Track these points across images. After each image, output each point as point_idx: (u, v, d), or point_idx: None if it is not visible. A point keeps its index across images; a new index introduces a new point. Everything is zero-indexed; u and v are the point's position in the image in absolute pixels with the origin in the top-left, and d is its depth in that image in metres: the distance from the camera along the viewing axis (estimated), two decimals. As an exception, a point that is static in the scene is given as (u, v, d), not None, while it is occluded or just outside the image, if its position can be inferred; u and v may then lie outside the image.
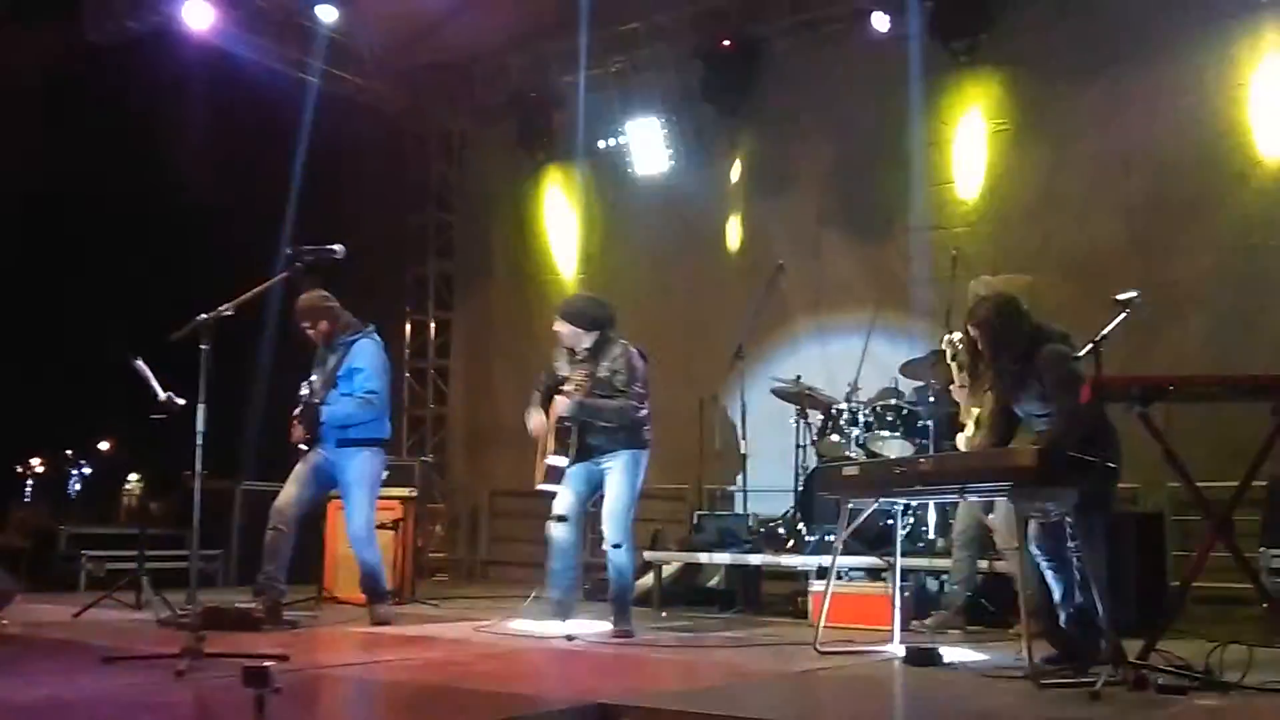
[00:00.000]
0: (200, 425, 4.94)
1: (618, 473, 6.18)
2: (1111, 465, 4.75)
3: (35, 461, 13.57)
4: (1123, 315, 5.37)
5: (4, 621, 6.16)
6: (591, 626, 6.20)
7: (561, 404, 6.12)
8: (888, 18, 9.27)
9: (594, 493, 6.33)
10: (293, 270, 5.50)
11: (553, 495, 6.24)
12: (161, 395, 6.78)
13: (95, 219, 10.67)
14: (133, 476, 13.00)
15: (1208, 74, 8.25)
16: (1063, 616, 4.88)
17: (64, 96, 10.29)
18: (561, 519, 6.18)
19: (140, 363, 6.76)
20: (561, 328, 6.30)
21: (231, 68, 10.42)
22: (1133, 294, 5.26)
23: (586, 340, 6.25)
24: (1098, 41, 8.48)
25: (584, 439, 6.17)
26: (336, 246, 5.56)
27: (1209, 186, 8.19)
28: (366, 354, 6.62)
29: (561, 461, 6.11)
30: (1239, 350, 7.63)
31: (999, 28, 8.90)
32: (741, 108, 10.17)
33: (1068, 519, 4.73)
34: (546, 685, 4.78)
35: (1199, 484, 4.63)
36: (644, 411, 6.27)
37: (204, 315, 4.99)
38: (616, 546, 6.12)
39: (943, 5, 8.99)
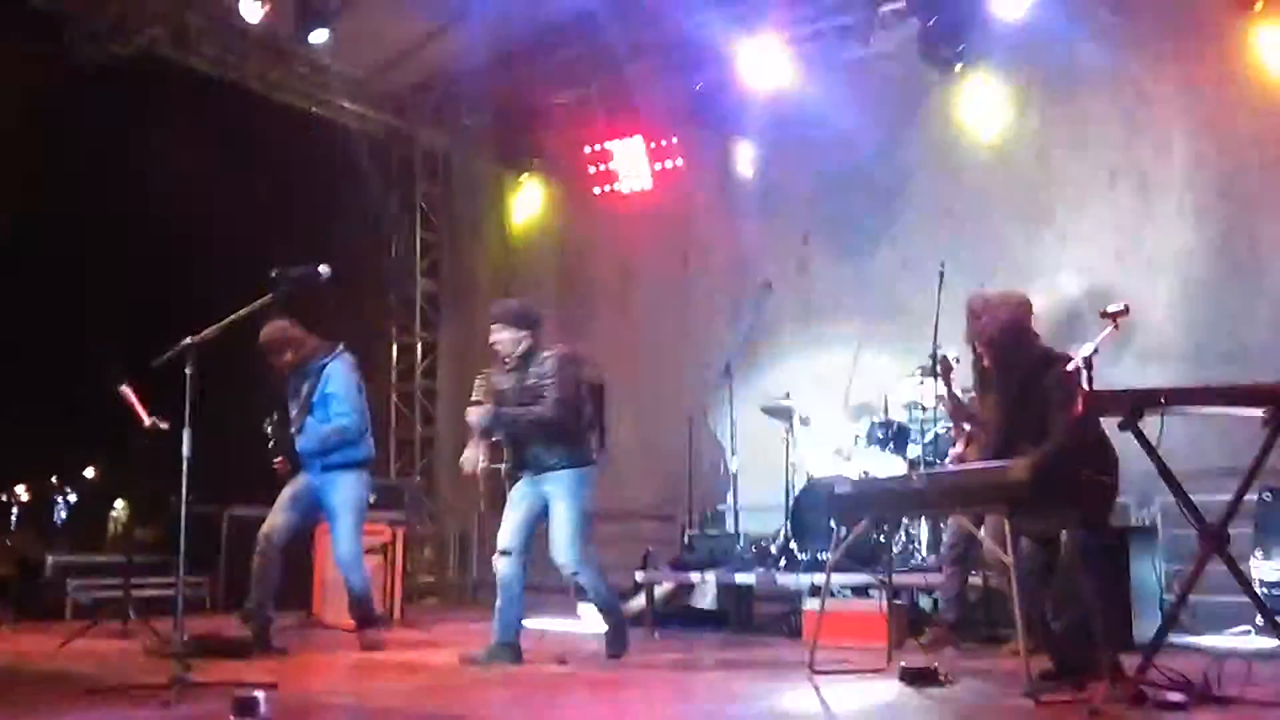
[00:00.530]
0: (186, 450, 4.90)
1: (561, 497, 5.90)
2: (1108, 482, 4.73)
3: (20, 489, 13.45)
4: (1110, 328, 5.37)
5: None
6: (584, 649, 6.16)
7: (472, 416, 5.98)
8: (876, 31, 9.27)
9: (539, 517, 6.00)
10: (277, 292, 5.46)
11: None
12: (147, 421, 6.74)
13: (80, 244, 10.62)
14: (119, 503, 12.90)
15: (1194, 86, 8.25)
16: (1057, 629, 4.85)
17: (47, 120, 10.24)
18: (505, 553, 5.91)
19: (126, 388, 6.72)
20: (497, 334, 6.06)
21: (216, 90, 10.40)
22: (1120, 307, 5.26)
23: (519, 346, 6.03)
24: (1080, 59, 8.49)
25: (520, 452, 6.01)
26: (322, 268, 5.52)
27: (1194, 197, 8.19)
28: (337, 378, 6.58)
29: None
30: (1231, 360, 7.62)
31: (984, 44, 8.90)
32: (727, 124, 10.15)
33: (1063, 533, 4.71)
34: (540, 712, 4.73)
35: (1192, 497, 4.60)
36: (579, 420, 6.01)
37: (189, 339, 4.95)
38: (575, 574, 5.91)
39: (929, 22, 8.98)
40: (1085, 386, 5.04)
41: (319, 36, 9.68)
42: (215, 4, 9.70)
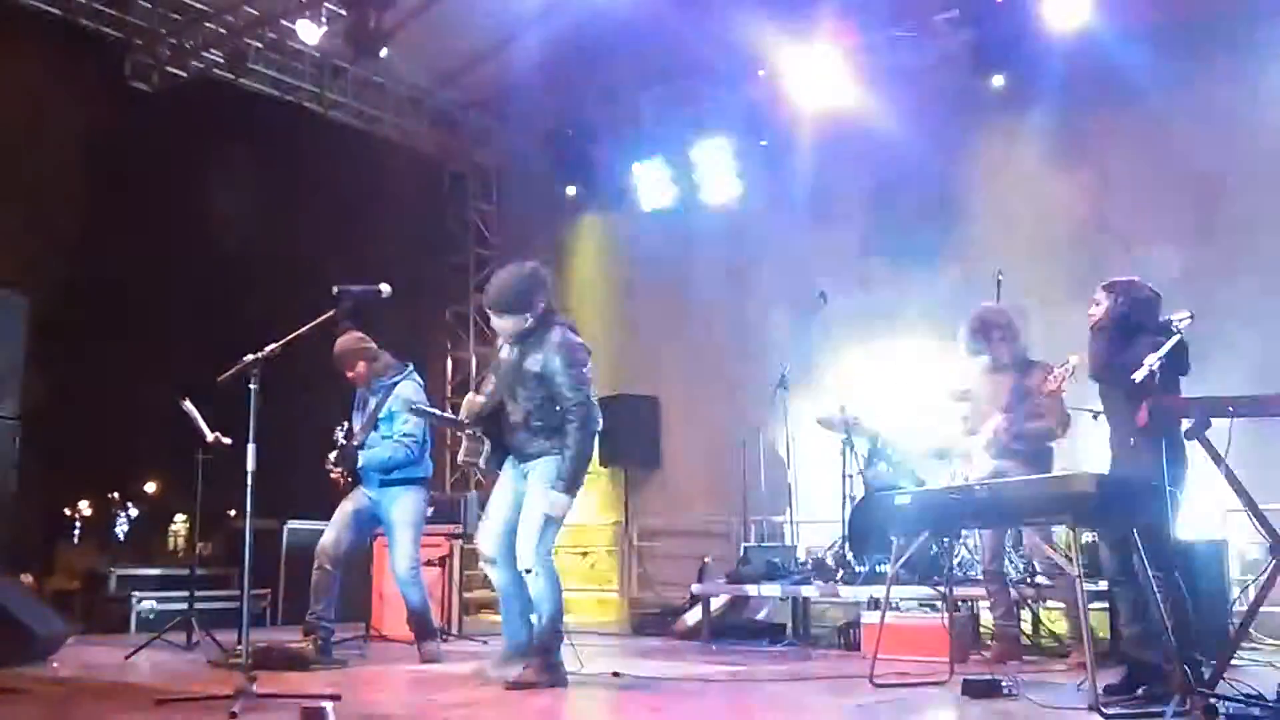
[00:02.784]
0: (250, 464, 4.96)
1: (537, 482, 5.31)
2: (1174, 490, 4.66)
3: (83, 504, 13.69)
4: (1177, 338, 5.27)
5: (55, 664, 6.18)
6: (640, 662, 6.13)
7: (465, 407, 5.59)
8: (930, 42, 9.23)
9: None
10: (338, 309, 5.51)
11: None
12: (209, 436, 6.82)
13: (141, 264, 10.80)
14: (179, 517, 13.08)
15: (1255, 94, 8.14)
16: (1127, 639, 4.78)
17: (107, 144, 10.44)
18: (490, 562, 5.47)
19: (188, 404, 6.81)
20: (498, 323, 5.51)
21: (271, 112, 10.55)
22: (1186, 315, 5.16)
23: (517, 326, 5.39)
24: (1139, 66, 8.39)
25: (502, 440, 5.45)
26: (383, 286, 5.56)
27: (1258, 208, 8.06)
28: (407, 396, 6.63)
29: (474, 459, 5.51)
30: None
31: (1038, 55, 8.83)
32: (781, 136, 10.14)
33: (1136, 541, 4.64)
34: (600, 722, 4.72)
35: (1261, 507, 4.52)
36: (572, 396, 5.27)
37: (251, 355, 5.01)
38: (527, 571, 5.24)
39: (982, 32, 8.93)
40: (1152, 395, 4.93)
41: (371, 55, 9.74)
42: (273, 26, 9.86)
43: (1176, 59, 8.29)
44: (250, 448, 4.94)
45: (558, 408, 5.30)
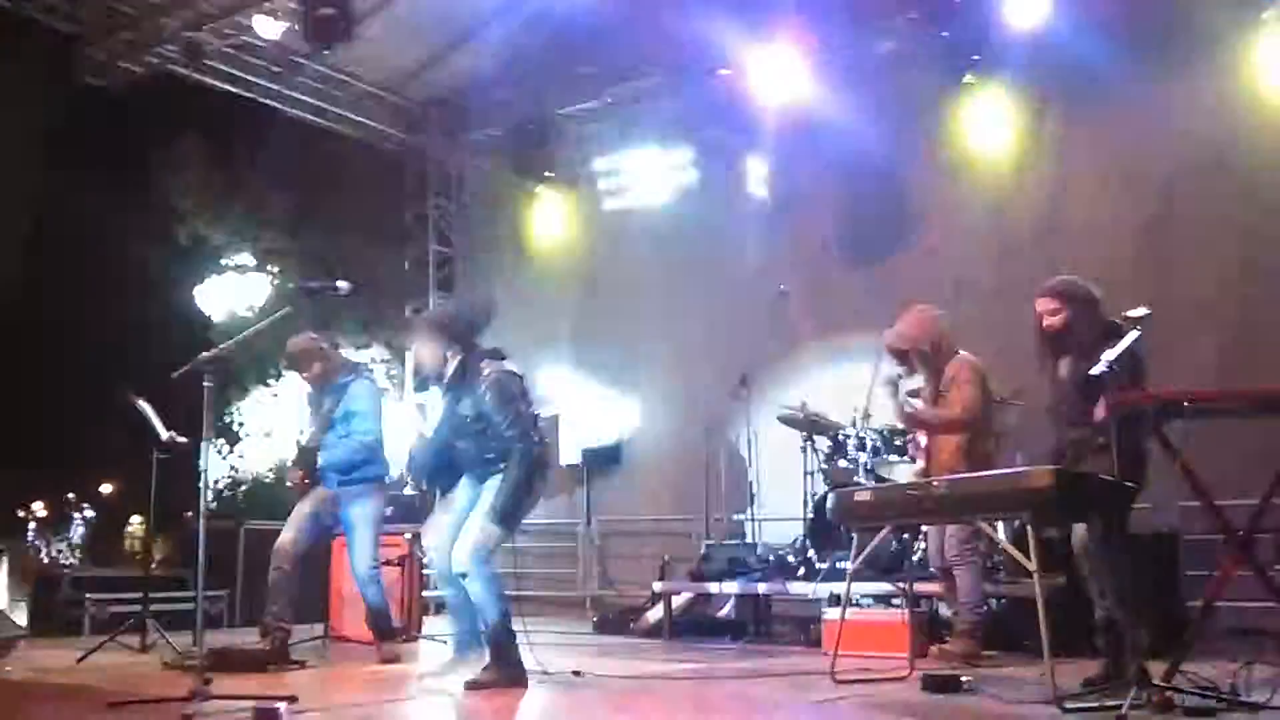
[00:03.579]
0: (204, 463, 4.89)
1: (487, 496, 5.27)
2: (1131, 485, 4.70)
3: (38, 506, 13.50)
4: (1135, 333, 5.30)
5: (7, 668, 6.08)
6: (601, 661, 6.11)
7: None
8: (890, 42, 9.25)
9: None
10: (296, 305, 5.46)
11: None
12: (164, 435, 6.74)
13: (94, 260, 10.67)
14: (135, 518, 12.93)
15: (1210, 90, 8.21)
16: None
17: (62, 139, 10.30)
18: (442, 576, 5.49)
19: (143, 402, 6.73)
20: (417, 350, 5.49)
21: (230, 107, 10.44)
22: (1144, 310, 5.19)
23: (448, 363, 5.36)
24: (1097, 63, 8.45)
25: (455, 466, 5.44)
26: (342, 283, 5.51)
27: (1214, 203, 8.14)
28: (362, 396, 6.58)
29: None
30: (1248, 367, 7.56)
31: (1000, 54, 8.88)
32: (742, 135, 10.14)
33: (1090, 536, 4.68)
34: (560, 721, 4.69)
35: (1215, 502, 4.56)
36: (511, 433, 5.21)
37: (206, 353, 4.95)
38: (463, 575, 5.22)
39: (944, 32, 8.95)
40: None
41: (323, 50, 9.62)
42: (229, 22, 9.74)
43: (1133, 56, 8.34)
44: (204, 446, 4.88)
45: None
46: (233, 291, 11.84)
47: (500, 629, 5.22)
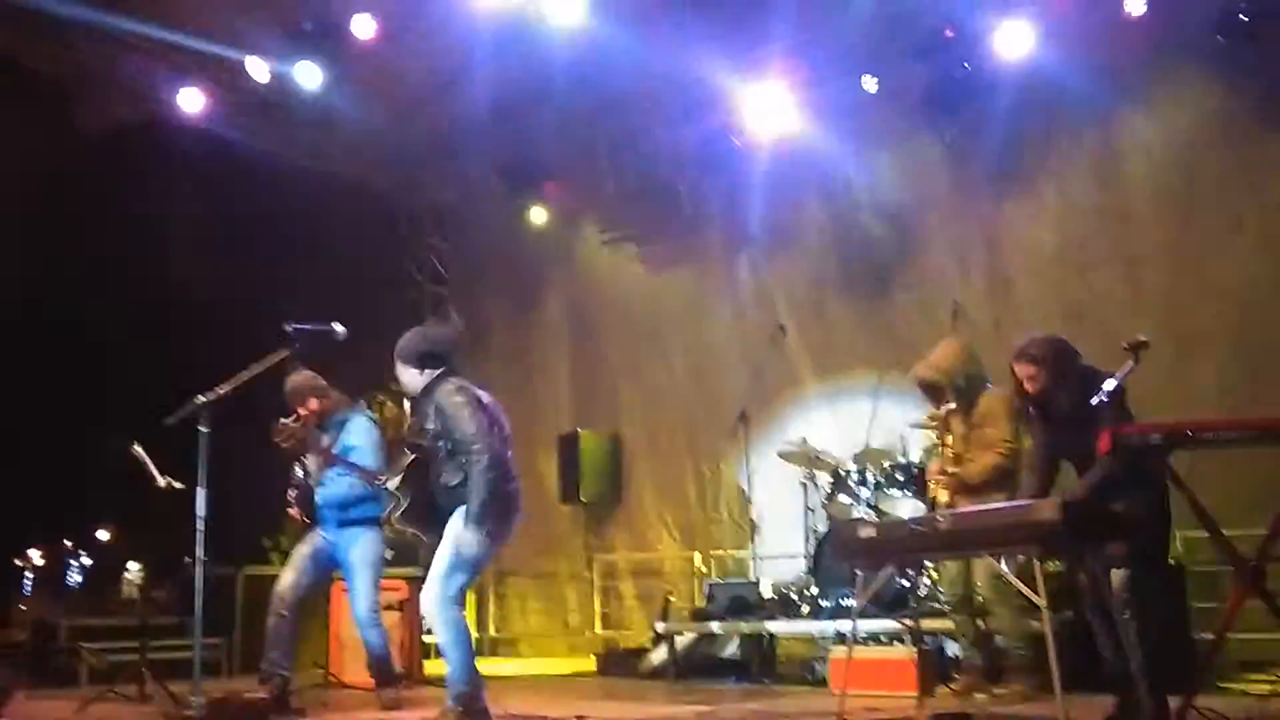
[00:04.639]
0: (201, 510, 4.85)
1: (450, 528, 5.18)
2: (1151, 515, 4.66)
3: (34, 554, 13.38)
4: (1133, 363, 5.28)
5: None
6: (606, 704, 6.04)
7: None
8: (876, 80, 9.27)
9: None
10: (291, 349, 5.43)
11: None
12: (160, 481, 6.69)
13: (89, 307, 10.62)
14: (133, 565, 12.82)
15: (1204, 121, 8.23)
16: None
17: (55, 187, 10.28)
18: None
19: (139, 449, 6.68)
20: (399, 374, 5.43)
21: (222, 153, 10.42)
22: (1144, 338, 5.17)
23: (417, 385, 5.37)
24: (1094, 90, 8.48)
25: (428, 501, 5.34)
26: (338, 327, 5.49)
27: (1210, 234, 8.13)
28: (360, 431, 6.55)
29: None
30: (1248, 399, 7.53)
31: (988, 86, 8.90)
32: (735, 171, 10.15)
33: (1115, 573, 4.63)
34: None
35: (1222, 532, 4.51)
36: (481, 463, 5.04)
37: (201, 397, 4.91)
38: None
39: (932, 67, 8.96)
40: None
41: (313, 85, 9.60)
42: (219, 66, 9.76)
43: (1120, 87, 8.38)
44: (200, 492, 4.84)
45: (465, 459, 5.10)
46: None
47: (463, 678, 5.12)
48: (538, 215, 11.37)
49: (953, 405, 6.39)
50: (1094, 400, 4.70)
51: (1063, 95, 8.52)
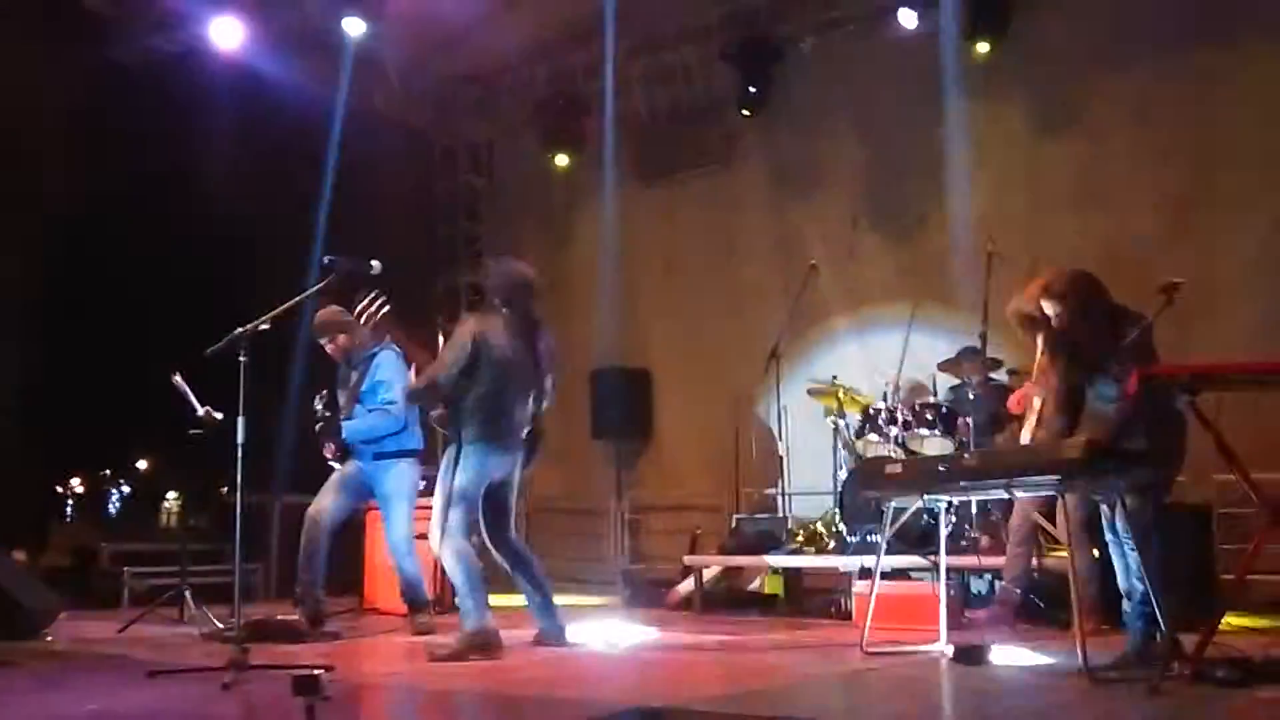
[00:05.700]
0: (240, 437, 4.95)
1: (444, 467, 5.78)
2: (1167, 451, 4.68)
3: (75, 482, 13.66)
4: (1166, 304, 5.26)
5: (48, 638, 6.19)
6: (632, 633, 6.15)
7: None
8: (915, 14, 9.18)
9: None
10: (328, 280, 5.50)
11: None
12: (200, 410, 6.80)
13: (128, 239, 10.72)
14: (171, 494, 13.06)
15: (1248, 62, 8.11)
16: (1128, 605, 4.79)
17: (92, 119, 10.34)
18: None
19: (179, 379, 6.79)
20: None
21: (259, 85, 10.45)
22: (1178, 280, 5.15)
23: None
24: (1134, 31, 8.35)
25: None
26: (373, 262, 5.54)
27: (1249, 175, 8.04)
28: (387, 366, 6.62)
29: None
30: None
31: (1030, 18, 8.81)
32: (770, 109, 10.11)
33: (1123, 506, 4.66)
34: (591, 690, 4.74)
35: (1253, 474, 4.53)
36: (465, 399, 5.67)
37: (241, 329, 4.99)
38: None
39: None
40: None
41: (354, 28, 9.69)
42: (257, -1, 9.77)
43: (1169, 24, 8.26)
44: (240, 420, 4.93)
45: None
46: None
47: (468, 606, 5.44)
48: (573, 151, 11.36)
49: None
50: (1126, 341, 4.71)
51: (1106, 27, 8.40)
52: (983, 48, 8.93)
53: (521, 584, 5.85)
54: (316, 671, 3.44)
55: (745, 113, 10.13)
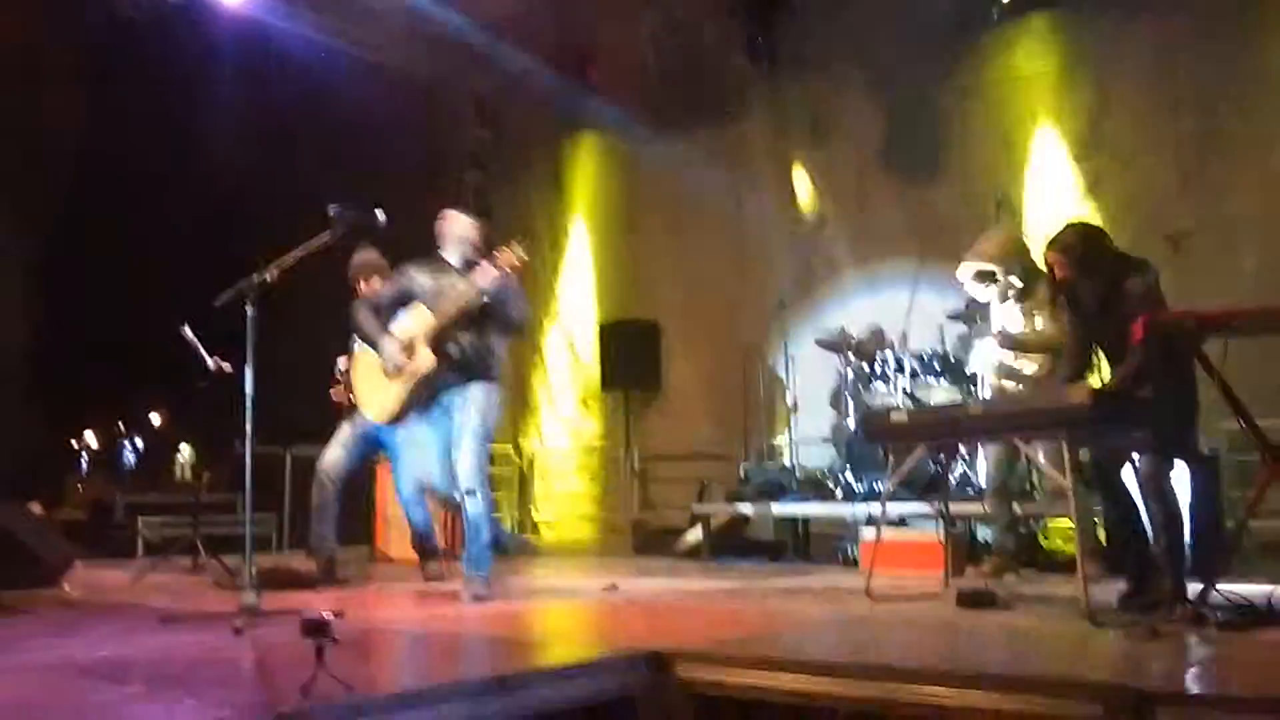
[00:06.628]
0: (249, 388, 4.98)
1: (472, 406, 5.68)
2: (1178, 407, 4.68)
3: (89, 435, 13.75)
4: (1172, 252, 5.28)
5: (66, 586, 6.26)
6: (639, 579, 6.21)
7: None
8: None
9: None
10: (333, 231, 5.50)
11: None
12: (210, 363, 6.84)
13: (136, 191, 10.74)
14: (184, 447, 13.16)
15: (1258, 10, 8.02)
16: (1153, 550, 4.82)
17: (101, 70, 10.32)
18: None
19: (188, 330, 6.83)
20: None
21: (265, 38, 10.42)
22: (1182, 229, 5.15)
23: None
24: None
25: None
26: (379, 213, 5.54)
27: (1260, 124, 7.97)
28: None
29: None
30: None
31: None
32: (778, 59, 10.03)
33: (1136, 457, 4.68)
34: (599, 634, 4.80)
35: (1256, 422, 4.54)
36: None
37: (247, 279, 5.01)
38: (469, 493, 5.56)
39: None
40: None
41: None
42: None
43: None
44: (248, 371, 4.96)
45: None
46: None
47: (485, 550, 5.54)
48: (581, 105, 11.29)
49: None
50: (1132, 290, 4.71)
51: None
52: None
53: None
54: (326, 615, 3.48)
55: (752, 64, 10.05)
